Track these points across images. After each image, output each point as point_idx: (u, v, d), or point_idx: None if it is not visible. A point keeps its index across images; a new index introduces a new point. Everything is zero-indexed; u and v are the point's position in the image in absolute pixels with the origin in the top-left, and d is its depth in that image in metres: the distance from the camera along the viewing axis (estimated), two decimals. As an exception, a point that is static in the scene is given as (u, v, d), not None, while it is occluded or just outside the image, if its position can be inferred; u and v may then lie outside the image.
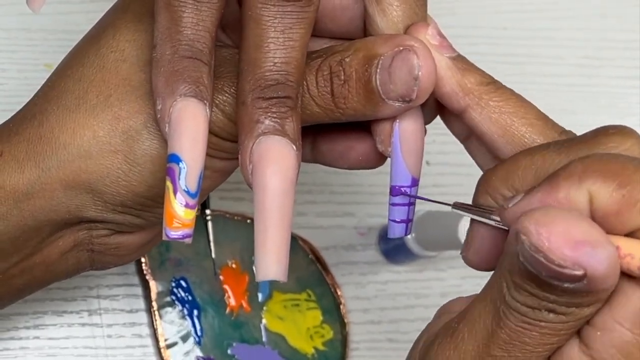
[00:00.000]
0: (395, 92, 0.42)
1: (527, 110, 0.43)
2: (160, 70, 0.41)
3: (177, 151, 0.40)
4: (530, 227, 0.35)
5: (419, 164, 0.45)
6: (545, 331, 0.37)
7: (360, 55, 0.43)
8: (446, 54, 0.43)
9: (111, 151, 0.44)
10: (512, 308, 0.37)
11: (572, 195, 0.37)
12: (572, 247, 0.34)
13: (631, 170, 0.36)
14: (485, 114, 0.43)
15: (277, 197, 0.40)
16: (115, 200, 0.45)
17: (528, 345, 0.37)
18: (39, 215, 0.45)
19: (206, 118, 0.40)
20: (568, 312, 0.36)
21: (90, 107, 0.44)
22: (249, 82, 0.41)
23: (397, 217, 0.45)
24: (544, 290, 0.36)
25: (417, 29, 0.43)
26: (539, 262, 0.35)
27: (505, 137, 0.43)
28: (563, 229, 0.35)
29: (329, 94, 0.43)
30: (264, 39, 0.41)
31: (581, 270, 0.35)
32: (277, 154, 0.40)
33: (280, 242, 0.39)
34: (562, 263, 0.34)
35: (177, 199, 0.40)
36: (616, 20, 0.73)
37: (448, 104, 0.44)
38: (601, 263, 0.35)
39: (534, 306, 0.36)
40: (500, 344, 0.38)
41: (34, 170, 0.44)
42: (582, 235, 0.34)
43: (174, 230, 0.40)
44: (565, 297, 0.36)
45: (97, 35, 0.46)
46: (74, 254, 0.47)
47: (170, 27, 0.41)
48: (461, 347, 0.39)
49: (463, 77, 0.43)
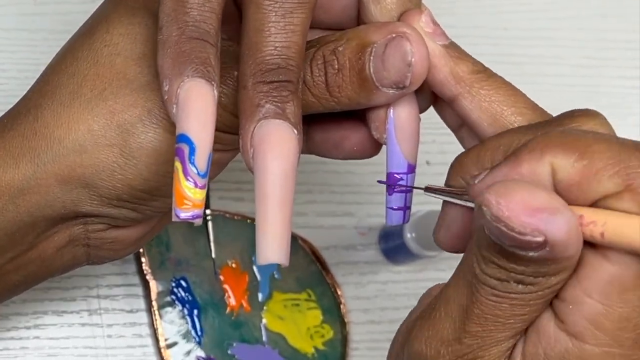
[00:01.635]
0: (388, 79, 0.43)
1: (517, 99, 0.43)
2: (166, 52, 0.41)
3: (186, 131, 0.40)
4: (490, 198, 0.36)
5: (415, 150, 0.45)
6: (515, 302, 0.38)
7: (354, 44, 0.43)
8: (439, 42, 0.44)
9: (106, 145, 0.44)
10: (482, 282, 0.38)
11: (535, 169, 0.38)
12: (530, 214, 0.36)
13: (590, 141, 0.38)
14: (475, 103, 0.43)
15: (278, 181, 0.39)
16: (111, 194, 0.45)
17: (500, 317, 0.38)
18: (35, 211, 0.45)
19: (214, 98, 0.40)
20: (535, 282, 0.38)
21: (85, 101, 0.44)
22: (250, 66, 0.41)
23: (394, 204, 0.45)
24: (510, 261, 0.37)
25: (411, 16, 0.44)
26: (500, 231, 0.36)
27: (494, 126, 0.43)
28: (521, 198, 0.36)
29: (323, 84, 0.43)
30: (264, 23, 0.41)
31: (541, 237, 0.36)
32: (278, 138, 0.40)
33: (281, 225, 0.39)
34: (522, 230, 0.36)
35: (187, 180, 0.40)
36: (617, 20, 0.73)
37: (440, 91, 0.44)
38: (560, 229, 0.36)
39: (503, 278, 0.38)
40: (474, 319, 0.39)
41: (29, 166, 0.44)
42: (539, 203, 0.36)
43: (184, 211, 0.40)
44: (531, 267, 0.37)
45: (90, 29, 0.46)
46: (69, 249, 0.47)
47: (176, 8, 0.41)
48: (438, 326, 0.40)
49: (455, 65, 0.43)
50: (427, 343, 0.40)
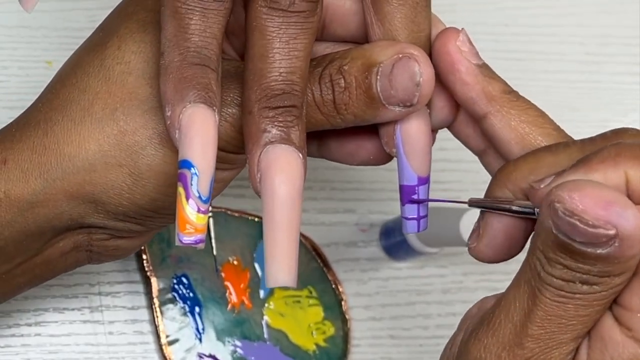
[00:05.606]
0: (396, 98, 0.43)
1: (545, 121, 0.45)
2: (168, 77, 0.41)
3: (189, 157, 0.40)
4: (563, 194, 0.37)
5: (424, 164, 0.45)
6: (579, 303, 0.39)
7: (359, 63, 0.43)
8: (473, 62, 0.45)
9: (116, 165, 0.44)
10: (547, 283, 0.39)
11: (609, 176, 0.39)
12: (604, 207, 0.37)
13: None
14: (505, 121, 0.44)
15: (286, 205, 0.40)
16: (118, 210, 0.45)
17: (563, 318, 0.39)
18: (42, 222, 0.45)
19: (215, 123, 0.41)
20: (600, 281, 0.38)
21: (96, 120, 0.44)
22: (255, 91, 0.41)
23: (408, 214, 0.46)
24: (577, 261, 0.38)
25: (448, 36, 0.45)
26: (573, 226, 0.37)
27: (522, 145, 0.44)
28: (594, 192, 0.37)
29: (331, 101, 0.44)
30: (269, 49, 0.41)
31: (613, 229, 0.37)
32: (284, 163, 0.41)
33: (289, 249, 0.40)
34: (595, 223, 0.37)
35: (189, 205, 0.40)
36: (618, 17, 0.73)
37: (471, 108, 0.45)
38: (630, 222, 0.37)
39: (568, 279, 0.38)
40: (537, 321, 0.39)
41: (38, 181, 0.44)
42: (612, 197, 0.37)
43: (187, 236, 0.40)
44: (597, 265, 0.38)
45: (102, 43, 0.46)
46: (73, 254, 0.47)
47: (177, 34, 0.41)
48: (498, 332, 0.40)
49: (488, 84, 0.45)
50: (486, 350, 0.40)
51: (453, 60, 0.44)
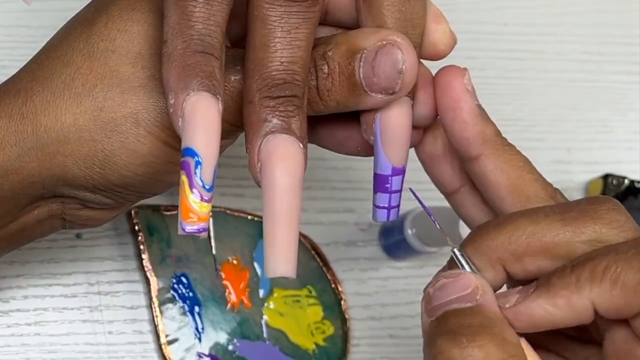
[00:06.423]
0: (378, 85, 0.43)
1: (531, 168, 0.45)
2: (172, 65, 0.41)
3: (192, 145, 0.40)
4: None
5: (400, 155, 0.45)
6: None
7: (343, 49, 0.43)
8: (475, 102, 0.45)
9: (89, 140, 0.44)
10: None
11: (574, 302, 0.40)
12: None
13: None
14: (497, 164, 0.45)
15: (286, 195, 0.40)
16: (88, 183, 0.46)
17: None
18: (17, 190, 0.45)
19: (219, 112, 0.41)
20: None
21: (75, 95, 0.45)
22: (256, 81, 0.41)
23: (379, 203, 0.46)
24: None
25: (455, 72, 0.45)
26: None
27: (511, 188, 0.45)
28: None
29: (314, 87, 0.43)
30: (270, 38, 0.41)
31: None
32: (285, 152, 0.41)
33: (289, 239, 0.40)
34: None
35: (193, 193, 0.40)
36: (617, 16, 0.73)
37: (464, 147, 0.45)
38: None
39: None
40: None
41: (14, 149, 0.45)
42: None
43: (190, 224, 0.40)
44: None
45: (91, 19, 0.46)
46: (48, 222, 0.48)
47: (181, 22, 0.41)
48: None
49: (485, 126, 0.45)
50: None
51: (458, 97, 0.45)
